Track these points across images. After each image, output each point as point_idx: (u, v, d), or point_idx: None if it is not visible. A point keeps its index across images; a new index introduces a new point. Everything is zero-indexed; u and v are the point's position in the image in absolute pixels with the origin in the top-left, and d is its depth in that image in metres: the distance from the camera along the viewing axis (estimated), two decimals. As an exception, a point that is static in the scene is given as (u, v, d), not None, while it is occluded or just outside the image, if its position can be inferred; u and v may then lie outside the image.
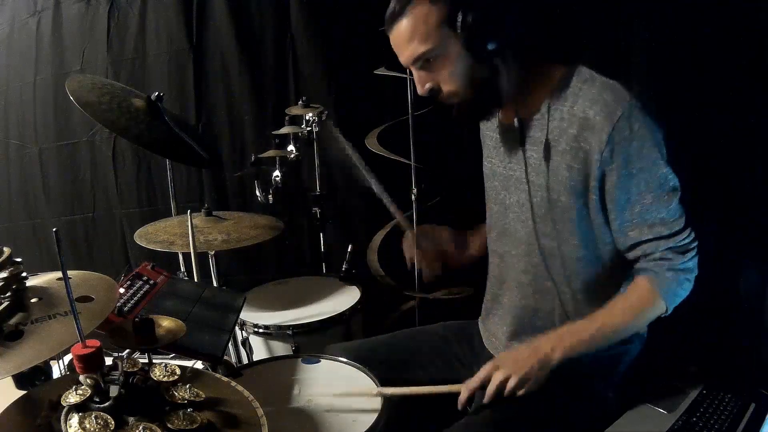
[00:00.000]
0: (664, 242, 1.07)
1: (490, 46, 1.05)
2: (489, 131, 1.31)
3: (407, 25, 1.07)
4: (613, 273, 1.17)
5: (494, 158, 1.29)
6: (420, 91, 1.14)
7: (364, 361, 1.32)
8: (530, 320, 1.24)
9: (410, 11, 1.06)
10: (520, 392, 1.09)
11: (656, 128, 1.06)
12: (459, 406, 1.13)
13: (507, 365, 1.10)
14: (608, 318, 1.11)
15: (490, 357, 1.32)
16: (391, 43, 1.13)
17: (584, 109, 1.06)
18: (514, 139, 1.19)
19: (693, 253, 1.09)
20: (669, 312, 1.12)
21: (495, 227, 1.31)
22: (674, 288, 1.09)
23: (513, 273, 1.26)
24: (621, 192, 1.06)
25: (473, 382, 1.12)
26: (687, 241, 1.08)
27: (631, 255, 1.13)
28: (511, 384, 1.08)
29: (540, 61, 1.16)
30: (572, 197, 1.11)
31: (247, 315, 1.79)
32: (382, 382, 1.23)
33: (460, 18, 1.03)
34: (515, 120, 1.13)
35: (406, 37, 1.08)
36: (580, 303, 1.18)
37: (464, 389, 1.13)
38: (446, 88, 1.12)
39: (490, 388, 1.10)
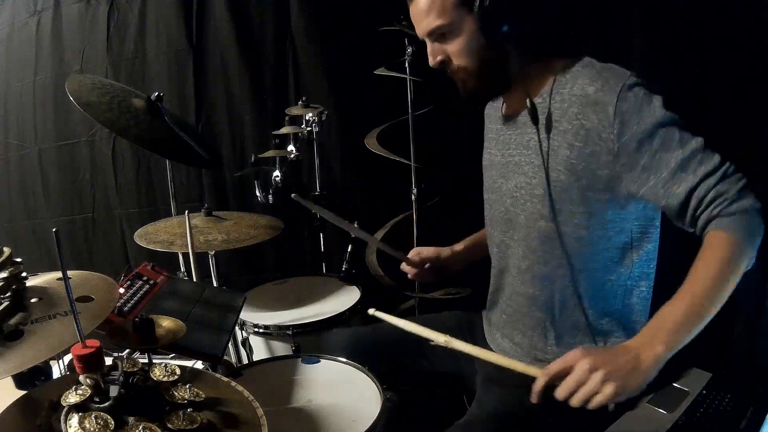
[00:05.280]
0: (712, 178, 1.00)
1: (503, 31, 1.08)
2: (491, 123, 1.34)
3: None
4: (613, 256, 1.15)
5: (493, 149, 1.31)
6: (431, 62, 1.17)
7: (370, 348, 1.31)
8: (528, 309, 1.23)
9: None
10: (610, 392, 0.89)
11: (656, 95, 1.05)
12: (534, 398, 0.96)
13: (595, 355, 0.93)
14: (695, 286, 0.96)
15: (490, 350, 1.33)
16: (410, 14, 1.16)
17: (583, 86, 1.07)
18: (516, 126, 1.21)
19: (745, 180, 1.00)
20: (754, 257, 0.98)
21: (493, 217, 1.31)
22: (745, 222, 0.98)
23: (512, 261, 1.25)
24: (648, 156, 1.02)
25: (555, 366, 0.94)
26: (732, 167, 1.00)
27: (688, 217, 1.02)
28: (597, 378, 0.89)
29: (548, 52, 1.17)
30: (572, 176, 1.10)
31: (247, 315, 1.79)
32: (387, 370, 1.23)
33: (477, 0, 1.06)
34: (527, 101, 1.13)
35: (423, 10, 1.11)
36: (579, 290, 1.16)
37: (542, 376, 0.95)
38: (457, 62, 1.15)
39: (580, 378, 0.90)
